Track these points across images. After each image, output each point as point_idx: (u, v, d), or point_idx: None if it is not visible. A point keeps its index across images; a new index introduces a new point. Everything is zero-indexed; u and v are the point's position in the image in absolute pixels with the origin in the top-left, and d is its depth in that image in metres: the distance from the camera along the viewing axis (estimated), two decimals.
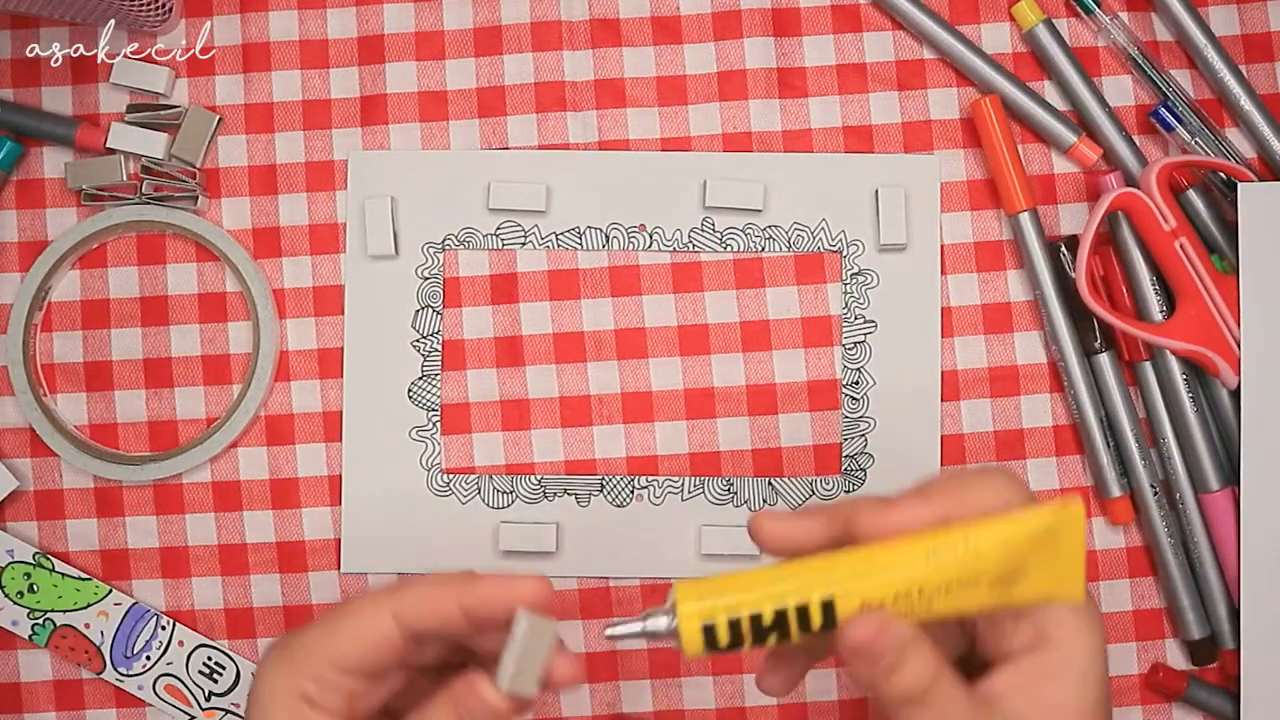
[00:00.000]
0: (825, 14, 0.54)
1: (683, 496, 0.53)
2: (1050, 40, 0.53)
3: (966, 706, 0.36)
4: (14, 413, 0.54)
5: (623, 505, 0.53)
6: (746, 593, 0.35)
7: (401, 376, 0.54)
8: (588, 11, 0.54)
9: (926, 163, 0.54)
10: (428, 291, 0.54)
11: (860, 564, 0.35)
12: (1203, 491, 0.52)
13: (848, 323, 0.53)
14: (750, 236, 0.54)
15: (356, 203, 0.54)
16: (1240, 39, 0.54)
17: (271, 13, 0.54)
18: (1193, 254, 0.51)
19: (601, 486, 0.53)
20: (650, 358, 0.54)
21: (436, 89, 0.54)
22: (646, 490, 0.53)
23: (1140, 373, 0.53)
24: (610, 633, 0.37)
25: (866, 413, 0.53)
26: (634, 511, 0.53)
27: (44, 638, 0.53)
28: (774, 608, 0.35)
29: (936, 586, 0.35)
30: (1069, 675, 0.36)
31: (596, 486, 0.53)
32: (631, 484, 0.53)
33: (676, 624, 0.35)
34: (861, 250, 0.53)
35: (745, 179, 0.53)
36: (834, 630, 0.35)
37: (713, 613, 0.35)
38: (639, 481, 0.53)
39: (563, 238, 0.54)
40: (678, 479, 0.53)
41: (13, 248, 0.54)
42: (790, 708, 0.53)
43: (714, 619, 0.35)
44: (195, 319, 0.54)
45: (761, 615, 0.35)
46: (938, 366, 0.53)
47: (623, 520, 0.53)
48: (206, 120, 0.54)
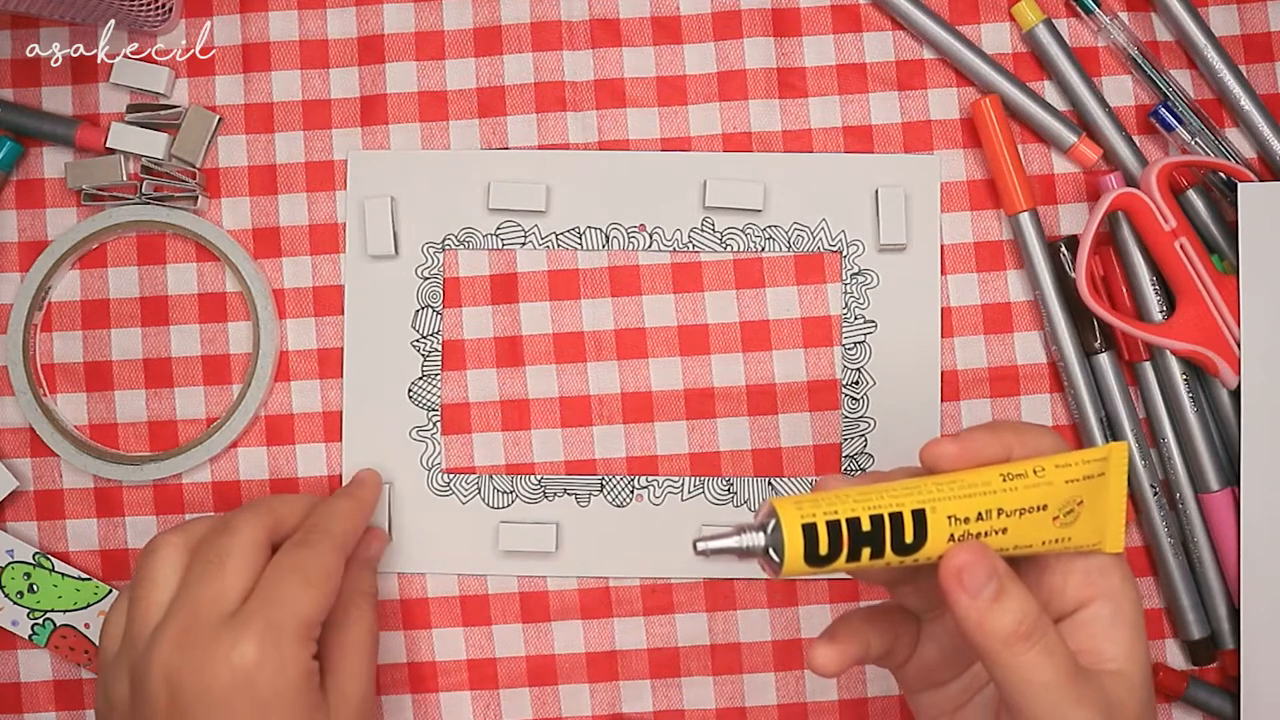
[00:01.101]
0: (825, 14, 0.54)
1: (682, 497, 0.53)
2: (1050, 40, 0.53)
3: (1066, 648, 0.36)
4: (14, 413, 0.54)
5: (623, 505, 0.53)
6: (843, 502, 0.36)
7: (402, 376, 0.54)
8: (588, 11, 0.54)
9: (926, 163, 0.54)
10: (428, 291, 0.54)
11: (944, 482, 0.36)
12: (1203, 492, 0.52)
13: (848, 323, 0.53)
14: (750, 236, 0.54)
15: (356, 203, 0.54)
16: (1240, 39, 0.54)
17: (271, 13, 0.54)
18: (1193, 254, 0.51)
19: (601, 486, 0.53)
20: (650, 358, 0.54)
21: (436, 89, 0.54)
22: (646, 490, 0.53)
23: (1140, 373, 0.53)
24: (703, 547, 0.36)
25: (866, 413, 0.53)
26: (634, 511, 0.53)
27: (44, 638, 0.53)
28: (870, 513, 0.35)
29: (1010, 510, 0.36)
30: (1123, 628, 0.38)
31: (596, 486, 0.53)
32: (631, 484, 0.53)
33: (773, 535, 0.35)
34: (861, 250, 0.53)
35: (745, 179, 0.53)
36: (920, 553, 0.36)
37: (813, 514, 0.35)
38: (639, 482, 0.53)
39: (563, 238, 0.54)
40: (678, 479, 0.53)
41: (13, 248, 0.54)
42: (790, 708, 0.53)
43: (815, 519, 0.35)
44: (195, 319, 0.54)
45: (859, 520, 0.35)
46: (938, 366, 0.53)
47: (623, 520, 0.53)
48: (206, 120, 0.54)
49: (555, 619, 0.53)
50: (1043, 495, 0.37)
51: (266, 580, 0.44)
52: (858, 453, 0.53)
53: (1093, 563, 0.38)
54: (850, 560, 0.35)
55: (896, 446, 0.53)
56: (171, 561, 0.45)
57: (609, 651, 0.53)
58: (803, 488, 0.53)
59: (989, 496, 0.36)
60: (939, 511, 0.36)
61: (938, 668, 0.42)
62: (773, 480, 0.53)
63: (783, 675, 0.53)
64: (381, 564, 0.53)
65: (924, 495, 0.36)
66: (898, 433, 0.53)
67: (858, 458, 0.53)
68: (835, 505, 0.35)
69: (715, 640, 0.53)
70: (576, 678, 0.53)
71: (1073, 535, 0.37)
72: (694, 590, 0.53)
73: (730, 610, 0.53)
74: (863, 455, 0.53)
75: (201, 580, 0.43)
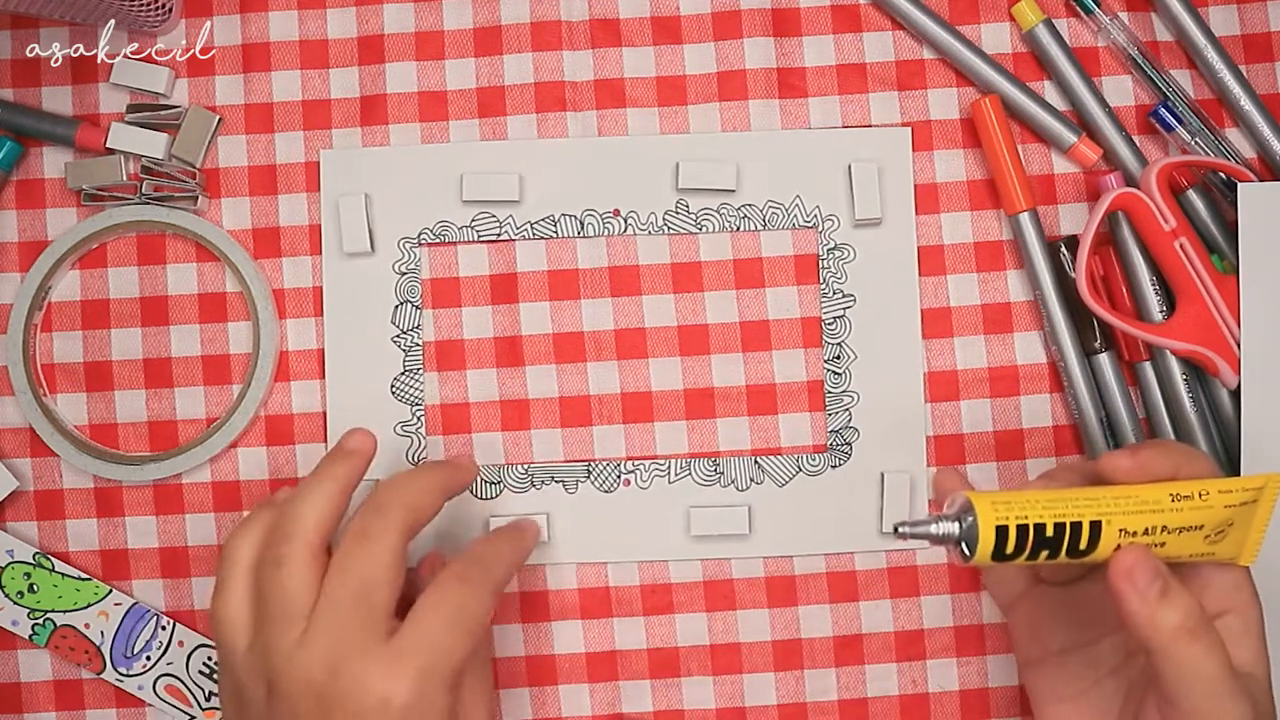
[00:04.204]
0: (825, 14, 0.54)
1: (669, 479, 0.53)
2: (1050, 40, 0.53)
3: (1224, 645, 0.39)
4: (14, 413, 0.54)
5: (610, 490, 0.53)
6: (1032, 507, 0.39)
7: (384, 373, 0.54)
8: (588, 11, 0.54)
9: (898, 135, 0.54)
10: (405, 287, 0.54)
11: (1120, 496, 0.40)
12: None
13: (826, 298, 0.53)
14: (725, 216, 0.54)
15: (330, 201, 0.54)
16: (1240, 39, 0.54)
17: (271, 13, 0.54)
18: (1193, 254, 0.51)
19: (588, 472, 0.53)
20: (650, 358, 0.54)
21: (436, 89, 0.54)
22: (634, 474, 0.53)
23: (1140, 373, 0.53)
24: (903, 530, 0.39)
25: (849, 387, 0.53)
26: (622, 496, 0.53)
27: (44, 638, 0.53)
28: (1054, 520, 0.39)
29: (1173, 528, 0.40)
30: (1253, 637, 0.41)
31: (583, 473, 0.53)
32: (618, 468, 0.53)
33: (968, 530, 0.39)
34: (837, 225, 0.54)
35: (717, 159, 0.53)
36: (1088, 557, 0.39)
37: (1006, 517, 0.39)
38: (625, 466, 0.53)
39: (538, 226, 0.54)
40: (664, 462, 0.53)
41: (13, 248, 0.54)
42: (790, 708, 0.53)
43: (1008, 522, 0.39)
44: (195, 319, 0.54)
45: (1045, 526, 0.39)
46: (919, 338, 0.53)
47: (611, 505, 0.53)
48: (206, 120, 0.54)
49: (555, 619, 0.53)
50: (1202, 517, 0.40)
51: (426, 616, 0.42)
52: (843, 427, 0.53)
53: (1228, 578, 0.41)
54: (1029, 559, 0.39)
55: (881, 421, 0.53)
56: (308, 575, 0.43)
57: (609, 651, 0.53)
58: (789, 465, 0.53)
59: (1158, 514, 0.39)
60: (1113, 524, 0.39)
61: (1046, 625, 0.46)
62: (759, 459, 0.53)
63: (783, 675, 0.53)
64: None
65: (1102, 508, 0.39)
66: (882, 406, 0.53)
67: (843, 432, 0.53)
68: (1026, 510, 0.39)
69: (715, 640, 0.53)
70: (576, 678, 0.53)
71: (1216, 551, 0.41)
72: (694, 590, 0.53)
73: (730, 610, 0.53)
74: (848, 429, 0.53)
75: (349, 605, 0.42)
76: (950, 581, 0.53)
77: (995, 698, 0.53)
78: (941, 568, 0.53)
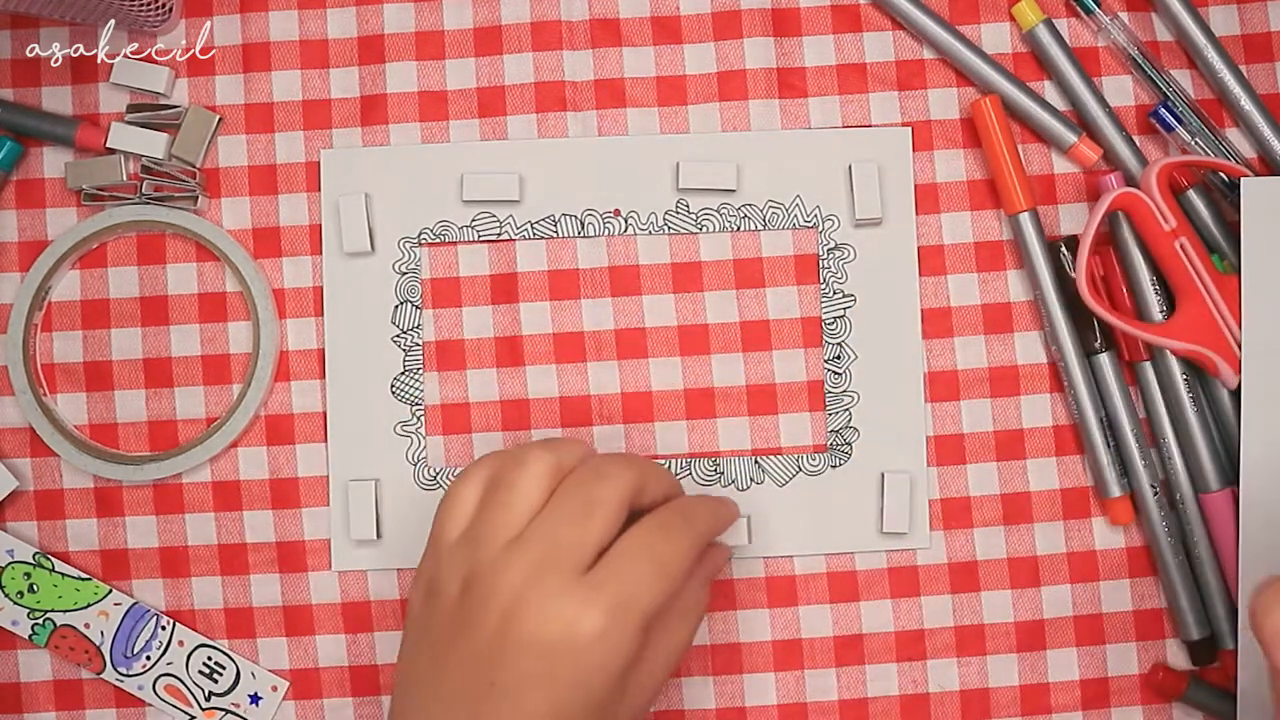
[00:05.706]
0: (825, 14, 0.54)
1: None
2: (1050, 40, 0.53)
3: None
4: (14, 413, 0.54)
5: None
6: None
7: (384, 373, 0.54)
8: (588, 11, 0.54)
9: (898, 135, 0.54)
10: (405, 287, 0.54)
11: None
12: (1202, 492, 0.52)
13: (826, 298, 0.53)
14: (725, 216, 0.54)
15: (330, 200, 0.54)
16: (1240, 39, 0.54)
17: (271, 13, 0.54)
18: (1193, 254, 0.51)
19: None
20: (650, 357, 0.54)
21: (437, 89, 0.54)
22: None
23: (1140, 373, 0.53)
24: None
25: (850, 387, 0.53)
26: None
27: (44, 638, 0.53)
28: None
29: None
30: None
31: None
32: None
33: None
34: (837, 225, 0.54)
35: (717, 159, 0.53)
36: None
37: None
38: None
39: (538, 226, 0.54)
40: (664, 462, 0.53)
41: (13, 248, 0.54)
42: (790, 708, 0.53)
43: None
44: (195, 319, 0.54)
45: None
46: (919, 339, 0.53)
47: None
48: (206, 120, 0.54)
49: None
50: None
51: (626, 552, 0.42)
52: (843, 427, 0.53)
53: None
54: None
55: (881, 419, 0.53)
56: (542, 482, 0.44)
57: None
58: (789, 464, 0.53)
59: None
60: None
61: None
62: (760, 459, 0.53)
63: (783, 675, 0.53)
64: (371, 561, 0.53)
65: None
66: (882, 406, 0.53)
67: (843, 432, 0.53)
68: None
69: (715, 640, 0.53)
70: None
71: None
72: None
73: (730, 610, 0.53)
74: (848, 429, 0.53)
75: (568, 521, 0.42)
76: (950, 581, 0.53)
77: (995, 698, 0.53)
78: (942, 567, 0.53)
